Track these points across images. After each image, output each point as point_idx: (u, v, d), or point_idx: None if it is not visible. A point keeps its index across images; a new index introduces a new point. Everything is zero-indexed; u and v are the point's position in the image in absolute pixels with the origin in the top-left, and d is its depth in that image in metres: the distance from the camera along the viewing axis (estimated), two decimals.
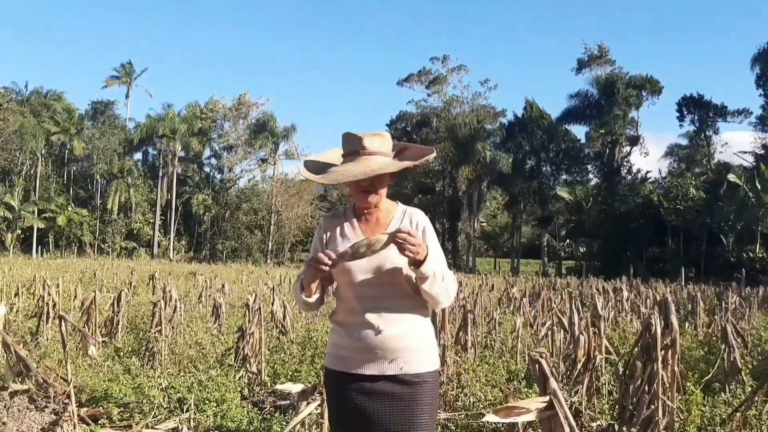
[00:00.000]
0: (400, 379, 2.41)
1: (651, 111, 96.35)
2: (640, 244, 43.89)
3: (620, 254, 42.31)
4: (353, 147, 2.48)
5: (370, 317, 2.41)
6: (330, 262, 2.29)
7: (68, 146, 56.04)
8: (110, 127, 61.06)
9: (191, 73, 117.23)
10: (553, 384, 2.48)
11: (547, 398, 2.48)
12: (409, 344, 2.44)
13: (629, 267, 31.22)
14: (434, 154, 2.55)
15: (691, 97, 51.97)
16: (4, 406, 5.33)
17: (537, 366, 2.56)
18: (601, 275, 30.82)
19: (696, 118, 51.91)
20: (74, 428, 4.45)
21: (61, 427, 4.43)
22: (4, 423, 5.01)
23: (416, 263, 2.31)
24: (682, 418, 4.30)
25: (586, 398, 4.93)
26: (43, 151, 53.11)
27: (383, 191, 2.53)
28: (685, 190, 43.00)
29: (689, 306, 12.17)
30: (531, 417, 2.45)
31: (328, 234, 2.57)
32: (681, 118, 52.86)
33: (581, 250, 53.46)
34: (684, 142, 54.76)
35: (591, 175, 55.47)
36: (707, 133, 52.00)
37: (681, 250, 43.07)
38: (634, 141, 52.13)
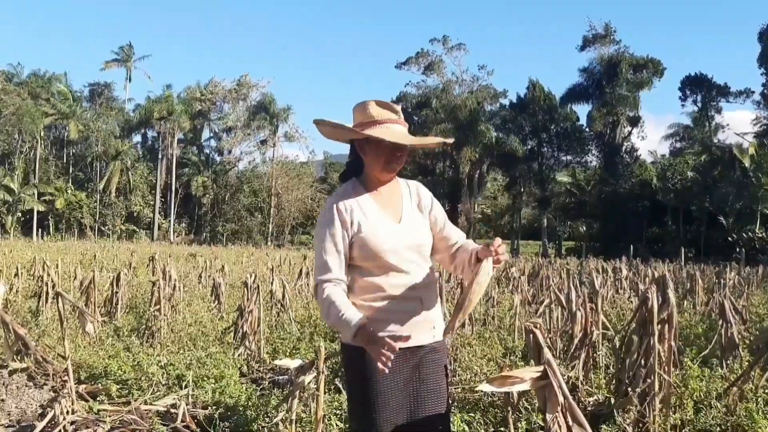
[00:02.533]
0: (432, 346, 2.46)
1: (651, 92, 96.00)
2: (639, 225, 43.90)
3: (620, 235, 42.29)
4: (388, 115, 2.44)
5: (412, 290, 2.41)
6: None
7: (66, 128, 55.85)
8: (107, 108, 60.87)
9: (191, 57, 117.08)
10: (548, 354, 2.47)
11: (541, 368, 2.46)
12: (438, 312, 2.52)
13: (629, 247, 31.16)
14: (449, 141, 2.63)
15: (694, 76, 51.62)
16: (3, 384, 5.35)
17: (531, 336, 2.55)
18: (601, 256, 30.84)
19: (699, 98, 51.60)
20: (72, 404, 4.46)
21: (60, 404, 4.44)
22: (3, 400, 5.03)
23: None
24: (678, 392, 4.31)
25: (582, 373, 4.94)
26: (41, 134, 52.96)
27: (402, 165, 2.51)
28: (681, 171, 42.94)
29: (688, 285, 12.18)
30: (525, 386, 2.43)
31: (351, 217, 2.42)
32: (684, 98, 52.55)
33: (582, 230, 53.53)
34: (686, 121, 54.51)
35: (591, 156, 55.39)
36: (710, 113, 51.75)
37: (681, 230, 43.08)
38: (635, 122, 51.92)
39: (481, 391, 2.87)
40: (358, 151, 2.50)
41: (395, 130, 2.42)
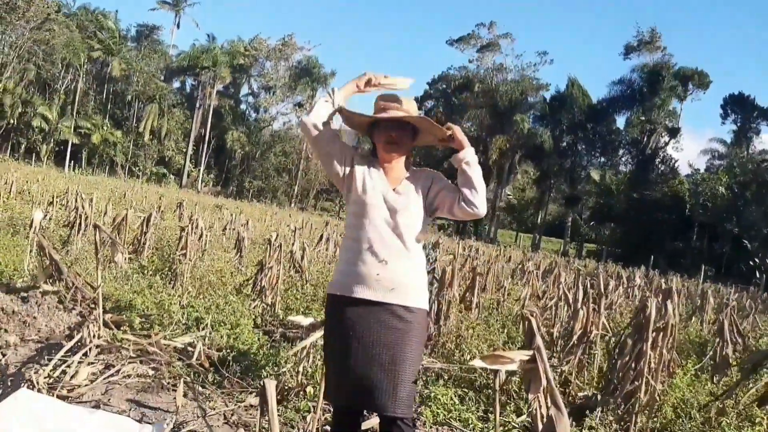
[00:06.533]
0: (395, 310, 2.67)
1: (692, 106, 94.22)
2: (664, 237, 43.59)
3: (643, 244, 42.07)
4: (391, 103, 2.80)
5: (378, 248, 2.68)
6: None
7: (110, 65, 56.41)
8: (151, 51, 61.36)
9: (239, 12, 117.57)
10: (539, 340, 2.72)
11: (530, 352, 2.71)
12: (408, 280, 2.72)
13: (649, 257, 31.06)
14: (448, 133, 2.80)
15: (737, 96, 50.86)
16: (36, 303, 5.72)
17: (527, 323, 2.79)
18: (621, 262, 30.77)
19: (739, 117, 50.81)
20: (99, 330, 4.81)
21: (87, 328, 4.79)
22: (35, 317, 5.40)
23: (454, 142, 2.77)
24: (662, 398, 4.53)
25: (576, 369, 5.18)
26: (85, 68, 53.58)
27: (404, 150, 2.84)
28: (714, 189, 42.47)
29: (699, 302, 12.26)
30: (513, 367, 2.67)
31: (357, 163, 2.82)
32: (724, 116, 51.85)
33: (605, 234, 53.24)
34: (728, 139, 53.69)
35: (625, 160, 54.99)
36: (748, 134, 50.94)
37: (705, 247, 42.71)
38: (674, 133, 51.32)
39: (474, 366, 3.13)
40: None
41: (390, 113, 2.78)
